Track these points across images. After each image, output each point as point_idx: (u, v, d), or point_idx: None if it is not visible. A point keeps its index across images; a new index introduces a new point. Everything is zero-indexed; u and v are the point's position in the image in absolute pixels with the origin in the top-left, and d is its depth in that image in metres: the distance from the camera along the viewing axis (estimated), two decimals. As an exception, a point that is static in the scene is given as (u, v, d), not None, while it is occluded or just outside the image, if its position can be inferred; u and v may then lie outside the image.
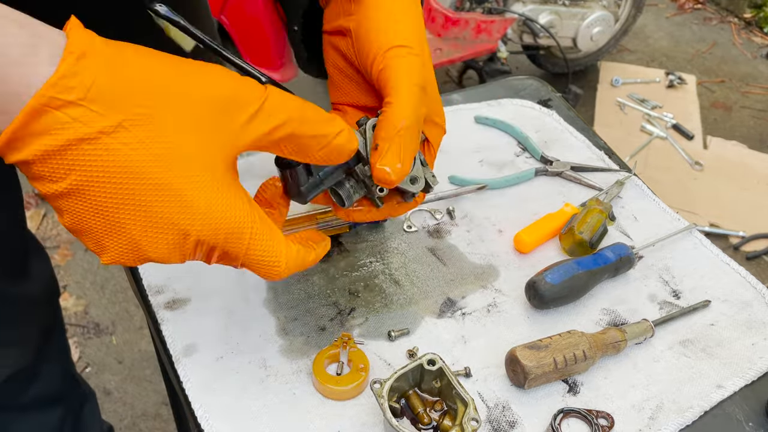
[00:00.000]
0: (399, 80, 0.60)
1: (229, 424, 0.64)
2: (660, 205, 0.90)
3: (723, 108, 2.98)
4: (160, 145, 0.46)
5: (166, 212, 0.48)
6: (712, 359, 0.73)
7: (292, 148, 0.54)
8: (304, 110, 0.53)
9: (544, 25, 2.63)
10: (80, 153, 0.44)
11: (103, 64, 0.44)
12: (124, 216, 0.47)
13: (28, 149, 0.44)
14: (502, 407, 0.67)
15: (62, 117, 0.43)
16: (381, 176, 0.58)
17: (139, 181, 0.46)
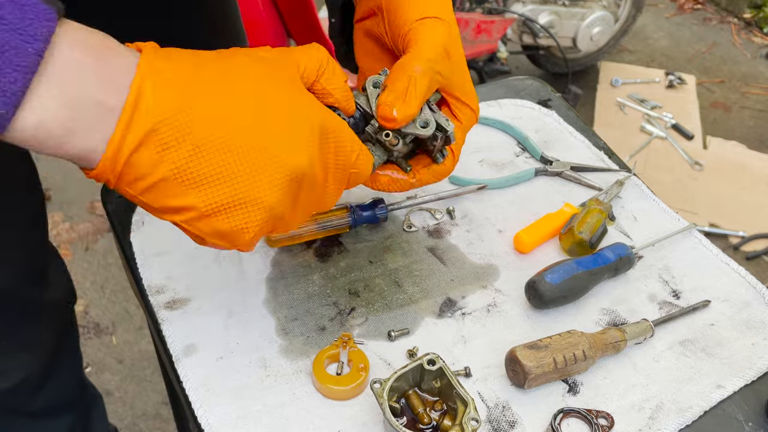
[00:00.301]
0: (421, 37, 0.60)
1: (229, 424, 0.64)
2: (660, 205, 0.90)
3: (723, 108, 2.98)
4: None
5: (264, 156, 0.51)
6: (712, 359, 0.73)
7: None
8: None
9: (543, 25, 2.63)
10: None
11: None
12: (236, 168, 0.49)
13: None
14: (502, 407, 0.67)
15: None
16: (384, 113, 0.58)
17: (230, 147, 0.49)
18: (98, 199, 2.26)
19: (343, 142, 0.56)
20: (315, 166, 0.54)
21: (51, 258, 0.98)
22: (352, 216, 0.81)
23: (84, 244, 2.18)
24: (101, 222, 2.23)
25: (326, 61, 0.58)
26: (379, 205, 0.82)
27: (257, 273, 0.77)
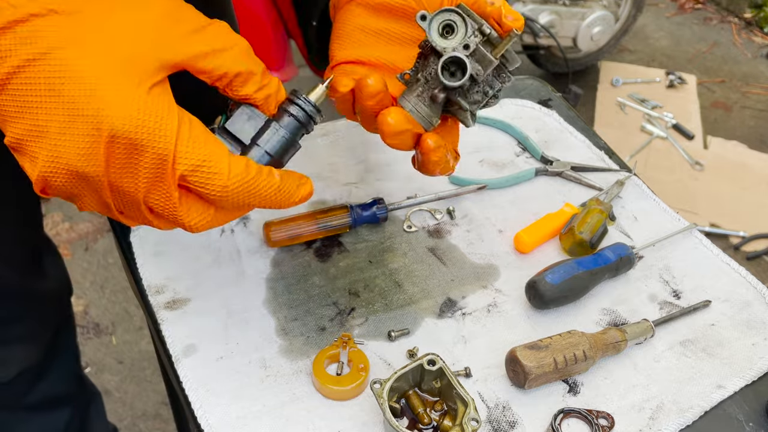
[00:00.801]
0: None
1: (229, 424, 0.64)
2: (660, 205, 0.90)
3: (723, 108, 2.98)
4: (80, 30, 0.46)
5: (76, 100, 0.46)
6: (713, 359, 0.73)
7: (225, 83, 0.53)
8: (247, 48, 0.53)
9: (544, 25, 2.63)
10: (10, 38, 0.45)
11: None
12: (43, 114, 0.47)
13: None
14: (502, 407, 0.67)
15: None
16: (509, 13, 0.57)
17: (55, 66, 0.46)
18: (98, 199, 2.27)
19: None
20: (133, 130, 0.48)
21: (46, 250, 0.98)
22: (352, 216, 0.81)
23: (84, 244, 2.18)
24: (101, 222, 2.23)
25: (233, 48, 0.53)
26: (379, 205, 0.82)
27: (257, 273, 0.77)
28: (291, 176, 0.56)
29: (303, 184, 0.57)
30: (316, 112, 0.58)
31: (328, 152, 0.93)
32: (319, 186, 0.88)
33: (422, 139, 0.60)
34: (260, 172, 0.52)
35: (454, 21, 0.57)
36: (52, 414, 1.06)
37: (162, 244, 0.79)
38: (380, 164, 0.92)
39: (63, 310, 1.05)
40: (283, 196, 0.55)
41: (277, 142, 0.56)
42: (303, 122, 0.57)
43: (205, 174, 0.50)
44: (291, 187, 0.55)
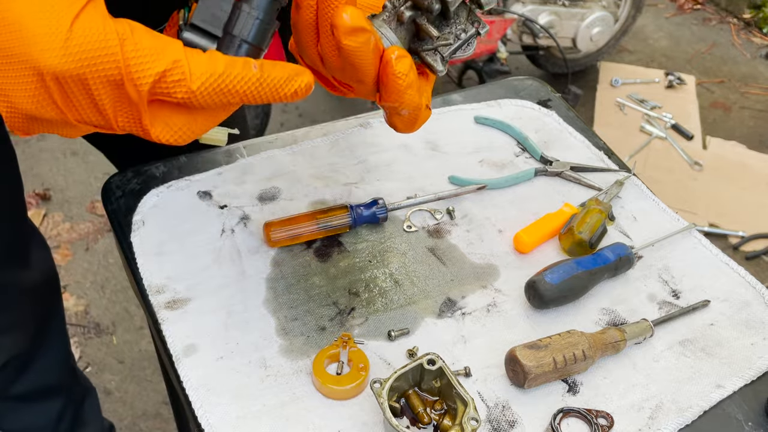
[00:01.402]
0: None
1: (229, 424, 0.64)
2: (659, 205, 0.90)
3: (722, 108, 2.98)
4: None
5: (8, 45, 0.43)
6: (712, 359, 0.73)
7: None
8: None
9: (543, 25, 2.63)
10: None
11: None
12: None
13: None
14: (502, 407, 0.67)
15: None
16: None
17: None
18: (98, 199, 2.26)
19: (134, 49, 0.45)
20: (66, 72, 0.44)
21: (32, 241, 0.98)
22: (352, 216, 0.81)
23: (84, 244, 2.18)
24: (101, 222, 2.23)
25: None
26: (379, 205, 0.82)
27: (257, 273, 0.77)
28: (277, 67, 0.50)
29: (297, 75, 0.50)
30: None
31: (328, 152, 0.93)
32: (319, 186, 0.88)
33: (385, 51, 0.54)
34: (231, 65, 0.47)
35: None
36: (43, 404, 1.06)
37: (163, 244, 0.79)
38: (380, 164, 0.92)
39: (50, 300, 1.05)
40: (267, 89, 0.49)
41: (252, 26, 0.50)
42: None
43: (168, 82, 0.46)
44: (277, 78, 0.49)
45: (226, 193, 0.86)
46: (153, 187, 0.85)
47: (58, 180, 2.35)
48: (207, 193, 0.85)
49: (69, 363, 1.14)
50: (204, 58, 0.47)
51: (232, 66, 0.47)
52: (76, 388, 1.16)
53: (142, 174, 0.87)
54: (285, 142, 0.94)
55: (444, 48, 0.57)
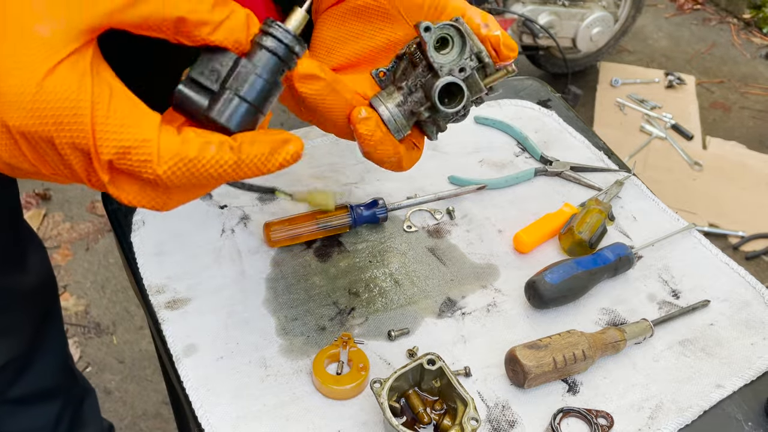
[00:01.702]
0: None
1: (229, 424, 0.64)
2: (659, 205, 0.90)
3: (722, 108, 2.98)
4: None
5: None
6: (712, 359, 0.73)
7: (168, 29, 0.45)
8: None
9: (543, 25, 2.64)
10: None
11: None
12: None
13: None
14: (502, 407, 0.67)
15: None
16: (507, 43, 0.55)
17: None
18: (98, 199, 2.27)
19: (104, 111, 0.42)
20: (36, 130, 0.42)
21: (29, 244, 0.98)
22: (352, 216, 0.81)
23: (85, 244, 2.18)
24: (101, 222, 2.23)
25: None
26: (379, 205, 0.82)
27: (257, 273, 0.78)
28: (257, 143, 0.47)
29: (281, 146, 0.47)
30: (297, 43, 0.49)
31: (328, 152, 0.93)
32: (319, 186, 0.88)
33: (353, 109, 0.56)
34: (205, 149, 0.44)
35: (451, 36, 0.56)
36: (41, 406, 1.06)
37: (163, 244, 0.79)
38: (380, 164, 0.92)
39: (47, 302, 1.05)
40: (247, 170, 0.46)
41: (251, 83, 0.47)
42: (282, 57, 0.48)
43: (133, 161, 0.43)
44: (258, 156, 0.46)
45: (226, 193, 0.86)
46: (153, 187, 0.85)
47: (58, 180, 2.35)
48: (207, 193, 0.85)
49: (67, 365, 1.14)
50: (177, 140, 0.44)
51: (205, 149, 0.44)
52: (74, 389, 1.16)
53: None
54: (285, 142, 0.94)
55: (443, 122, 0.60)
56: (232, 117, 0.47)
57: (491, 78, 0.57)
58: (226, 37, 0.47)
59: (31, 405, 1.04)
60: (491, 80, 0.57)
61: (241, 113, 0.47)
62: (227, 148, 0.45)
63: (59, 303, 1.10)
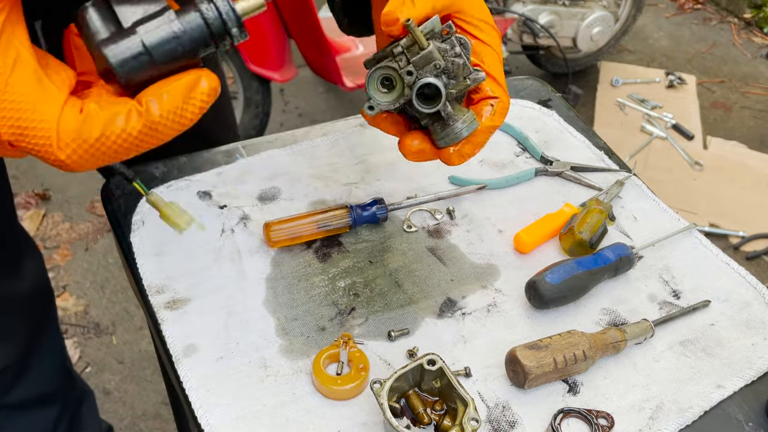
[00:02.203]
0: None
1: (229, 424, 0.64)
2: (660, 205, 0.90)
3: (723, 108, 2.98)
4: None
5: None
6: (712, 359, 0.73)
7: None
8: None
9: (544, 25, 2.63)
10: None
11: None
12: None
13: None
14: (502, 407, 0.67)
15: None
16: (386, 16, 0.53)
17: None
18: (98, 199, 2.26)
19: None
20: None
21: (25, 250, 0.97)
22: (352, 216, 0.81)
23: (84, 244, 2.18)
24: (101, 222, 2.23)
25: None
26: (379, 205, 0.82)
27: (257, 273, 0.77)
28: (168, 91, 0.42)
29: (195, 84, 0.43)
30: (236, 23, 0.44)
31: (328, 152, 0.93)
32: (319, 186, 0.88)
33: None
34: (110, 124, 0.40)
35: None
36: (38, 412, 1.06)
37: (162, 244, 0.79)
38: (380, 164, 0.92)
39: (43, 308, 1.04)
40: (165, 130, 0.43)
41: (163, 35, 0.42)
42: (211, 27, 0.44)
43: (31, 143, 0.40)
44: (171, 109, 0.42)
45: (226, 193, 0.86)
46: (153, 187, 0.85)
47: (57, 180, 2.35)
48: (207, 193, 0.85)
49: (65, 369, 1.14)
50: (78, 119, 0.40)
51: (111, 124, 0.40)
52: (72, 393, 1.16)
53: (141, 174, 0.87)
54: (285, 142, 0.94)
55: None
56: (123, 62, 0.41)
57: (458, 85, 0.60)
58: None
59: (28, 410, 1.04)
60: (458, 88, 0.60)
61: (133, 62, 0.42)
62: (135, 115, 0.42)
63: (55, 308, 1.10)
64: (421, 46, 0.57)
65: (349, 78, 2.33)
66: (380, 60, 0.60)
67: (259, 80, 2.30)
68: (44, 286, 1.04)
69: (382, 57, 0.60)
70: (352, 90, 2.35)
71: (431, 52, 0.57)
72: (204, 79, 0.43)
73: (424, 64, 0.58)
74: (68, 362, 1.16)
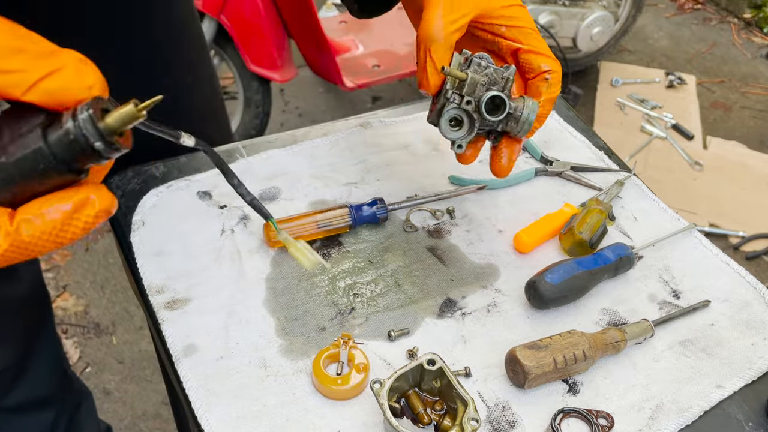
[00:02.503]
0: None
1: (229, 424, 0.64)
2: (660, 205, 0.90)
3: (723, 108, 2.98)
4: None
5: None
6: (712, 359, 0.73)
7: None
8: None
9: (544, 25, 2.63)
10: None
11: None
12: None
13: None
14: (502, 407, 0.67)
15: None
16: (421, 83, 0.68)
17: None
18: (98, 199, 2.27)
19: None
20: None
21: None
22: (352, 216, 0.81)
23: (84, 244, 2.18)
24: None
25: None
26: (379, 205, 0.82)
27: (257, 273, 0.77)
28: (49, 210, 0.41)
29: (82, 206, 0.41)
30: (98, 139, 0.41)
31: (328, 152, 0.93)
32: (319, 186, 0.88)
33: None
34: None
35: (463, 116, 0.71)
36: (36, 415, 1.06)
37: (162, 244, 0.79)
38: (380, 164, 0.92)
39: (39, 312, 1.04)
40: (35, 248, 0.41)
41: (25, 154, 0.40)
42: (79, 146, 0.41)
43: None
44: (47, 231, 0.41)
45: (226, 193, 0.86)
46: (153, 187, 0.85)
47: (58, 180, 2.35)
48: (207, 193, 0.85)
49: (62, 372, 1.13)
50: None
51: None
52: (70, 395, 1.16)
53: (141, 174, 0.87)
54: (285, 142, 0.94)
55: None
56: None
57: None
58: (40, 98, 0.40)
59: (25, 413, 1.04)
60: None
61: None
62: (2, 235, 0.40)
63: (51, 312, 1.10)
64: (463, 79, 0.69)
65: (349, 78, 2.33)
66: (440, 110, 0.71)
67: (259, 80, 2.30)
68: (41, 289, 1.04)
69: (441, 107, 0.71)
70: (352, 90, 2.35)
71: (472, 78, 0.68)
72: (96, 200, 0.42)
73: (473, 89, 0.69)
74: (66, 364, 1.15)
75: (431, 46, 0.68)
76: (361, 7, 0.79)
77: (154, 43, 0.90)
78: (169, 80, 0.94)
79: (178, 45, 0.95)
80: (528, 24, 0.71)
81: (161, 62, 0.91)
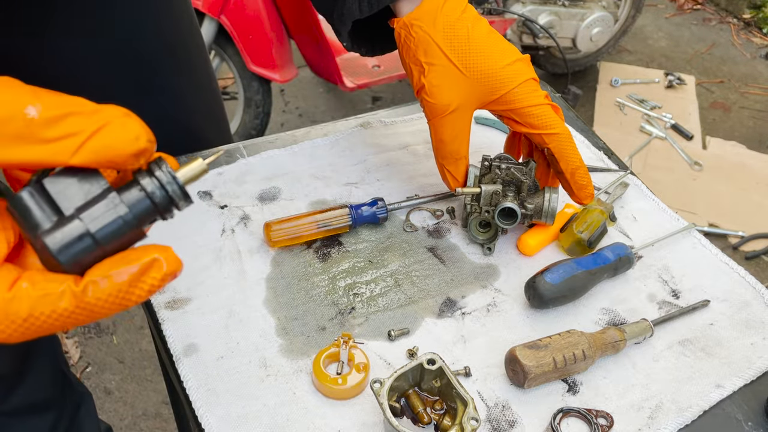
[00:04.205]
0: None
1: (229, 423, 0.64)
2: (659, 205, 0.90)
3: (722, 108, 2.98)
4: None
5: None
6: (712, 359, 0.73)
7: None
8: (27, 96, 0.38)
9: (543, 25, 2.64)
10: None
11: None
12: None
13: None
14: (502, 407, 0.67)
15: None
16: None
17: None
18: (98, 199, 2.28)
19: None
20: None
21: None
22: (352, 216, 0.81)
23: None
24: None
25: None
26: (379, 205, 0.82)
27: (257, 273, 0.78)
28: (115, 273, 0.40)
29: (149, 268, 0.41)
30: (182, 197, 0.43)
31: (328, 152, 0.93)
32: (319, 186, 0.88)
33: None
34: (40, 304, 0.38)
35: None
36: (35, 418, 1.06)
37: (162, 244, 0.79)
38: (380, 164, 0.92)
39: None
40: (101, 311, 0.40)
41: (109, 221, 0.40)
42: (158, 205, 0.42)
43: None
44: (113, 294, 0.40)
45: (227, 193, 0.86)
46: (153, 187, 0.85)
47: (58, 180, 2.35)
48: (207, 193, 0.86)
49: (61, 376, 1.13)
50: (5, 299, 0.38)
51: (41, 304, 0.38)
52: (70, 398, 1.15)
53: (142, 174, 0.87)
54: (285, 142, 0.94)
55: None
56: (67, 251, 0.40)
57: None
58: (88, 159, 0.39)
59: (25, 417, 1.04)
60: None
61: (78, 250, 0.40)
62: (68, 297, 0.39)
63: None
64: (477, 194, 0.77)
65: (349, 78, 2.33)
66: (467, 219, 0.80)
67: (260, 80, 2.30)
68: None
69: (467, 216, 0.80)
70: (352, 90, 2.35)
71: (483, 190, 0.76)
72: (164, 263, 0.41)
73: (489, 199, 0.77)
74: (65, 366, 1.15)
75: (445, 164, 0.76)
76: (370, 50, 0.81)
77: (153, 44, 0.90)
78: (169, 81, 0.94)
79: (177, 46, 0.95)
80: (558, 129, 0.75)
81: (160, 63, 0.92)
